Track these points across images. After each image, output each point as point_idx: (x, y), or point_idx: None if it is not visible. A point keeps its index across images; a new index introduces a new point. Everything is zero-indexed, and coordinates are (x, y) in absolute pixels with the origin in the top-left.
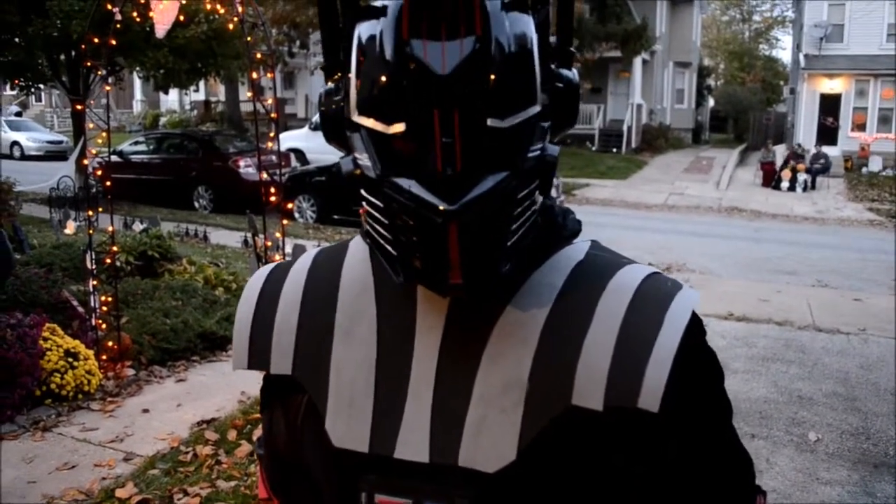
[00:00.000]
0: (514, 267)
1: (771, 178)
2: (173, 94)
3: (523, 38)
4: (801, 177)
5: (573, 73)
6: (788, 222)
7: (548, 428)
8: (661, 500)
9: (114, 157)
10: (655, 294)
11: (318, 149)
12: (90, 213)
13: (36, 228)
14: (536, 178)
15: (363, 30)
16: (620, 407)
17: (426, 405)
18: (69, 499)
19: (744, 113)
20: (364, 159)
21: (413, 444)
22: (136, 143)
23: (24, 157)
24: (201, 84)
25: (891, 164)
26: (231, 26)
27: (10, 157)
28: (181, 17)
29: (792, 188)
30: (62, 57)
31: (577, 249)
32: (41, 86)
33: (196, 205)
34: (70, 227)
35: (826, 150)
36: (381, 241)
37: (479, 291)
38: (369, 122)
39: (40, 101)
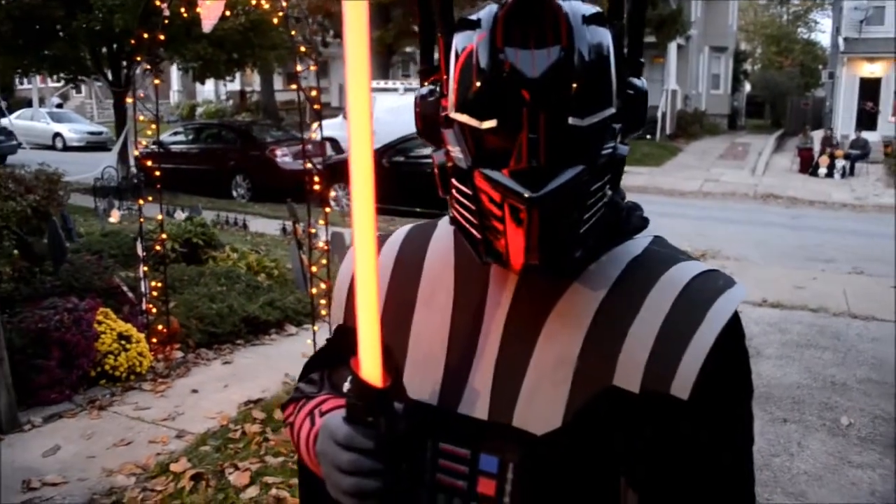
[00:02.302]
0: (584, 252)
1: (808, 165)
2: (209, 84)
3: (601, 48)
4: (840, 163)
5: (642, 82)
6: (826, 209)
7: (591, 402)
8: (659, 484)
9: (152, 148)
10: (701, 292)
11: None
12: (140, 202)
13: (82, 217)
14: (608, 173)
15: (460, 39)
16: (654, 392)
17: (489, 371)
18: (127, 472)
19: (781, 98)
20: (456, 152)
21: (475, 402)
22: (176, 133)
23: (66, 148)
24: (237, 74)
25: None
26: (276, 20)
27: (53, 147)
28: (226, 13)
29: (830, 174)
30: (104, 50)
31: (638, 244)
32: (84, 78)
33: (234, 194)
34: (115, 216)
35: (866, 135)
36: (467, 225)
37: (553, 272)
38: (464, 118)
39: (80, 92)
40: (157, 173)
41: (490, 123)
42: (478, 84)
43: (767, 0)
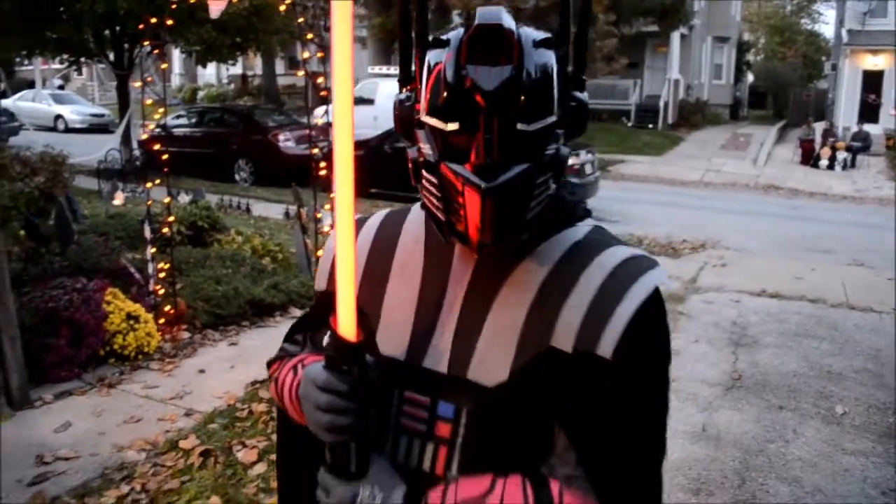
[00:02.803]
0: (530, 235)
1: (810, 156)
2: (211, 68)
3: (546, 67)
4: (841, 155)
5: (584, 95)
6: (826, 201)
7: (533, 360)
8: (580, 433)
9: (157, 131)
10: (627, 271)
11: (355, 123)
12: (148, 185)
13: (86, 200)
14: (551, 171)
15: (432, 56)
16: (584, 352)
17: (450, 332)
18: (137, 448)
19: (784, 89)
20: (426, 148)
21: (437, 358)
22: (179, 116)
23: (68, 130)
24: (239, 58)
25: None
26: (283, 7)
27: (55, 129)
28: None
29: (831, 167)
30: (107, 32)
31: (579, 231)
32: (86, 60)
33: (237, 177)
34: (119, 198)
35: (868, 128)
36: (434, 210)
37: (503, 250)
38: (433, 121)
39: (82, 74)
40: (164, 156)
41: (453, 126)
42: (444, 94)
43: None
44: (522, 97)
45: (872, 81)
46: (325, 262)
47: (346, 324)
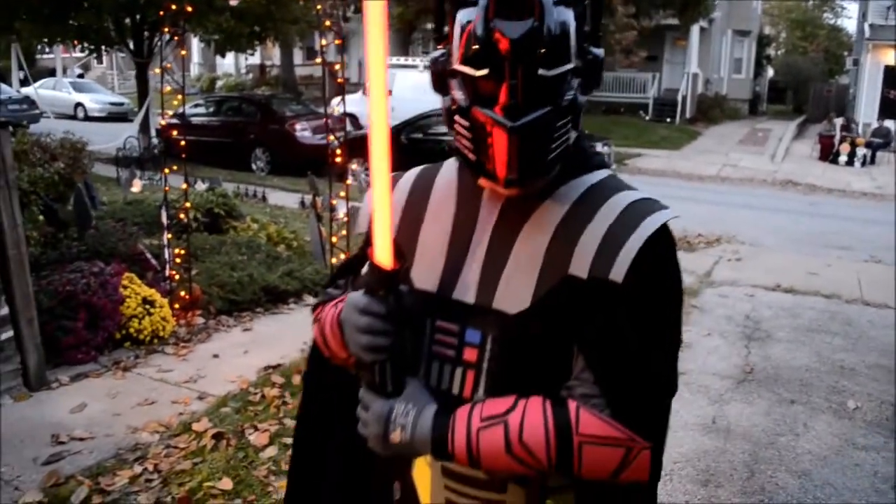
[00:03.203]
0: (550, 174)
1: (829, 152)
2: (229, 57)
3: (564, 21)
4: (861, 151)
5: (600, 51)
6: (845, 197)
7: (552, 288)
8: (596, 356)
9: (175, 120)
10: (638, 209)
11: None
12: (166, 171)
13: (104, 186)
14: (570, 115)
15: (463, 14)
16: (598, 278)
17: (478, 266)
18: (151, 430)
19: (804, 84)
20: (459, 95)
21: (466, 290)
22: (197, 105)
23: (87, 118)
24: (257, 48)
25: None
26: None
27: (74, 117)
28: None
29: (850, 163)
30: (128, 21)
31: (596, 176)
32: (107, 48)
33: (253, 167)
34: (136, 186)
35: (889, 124)
36: (465, 151)
37: (527, 188)
38: (464, 69)
39: (102, 63)
40: (182, 143)
41: (483, 72)
42: (474, 45)
43: None
44: (543, 47)
45: (894, 77)
46: (367, 206)
47: (382, 253)
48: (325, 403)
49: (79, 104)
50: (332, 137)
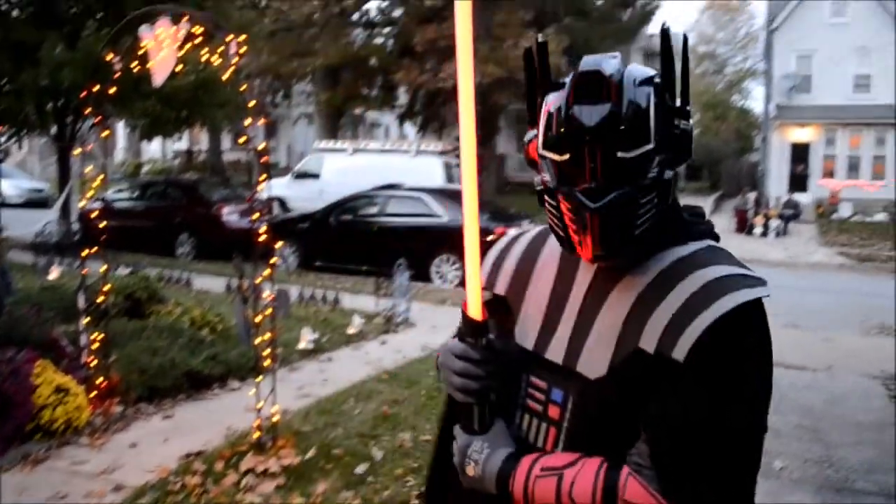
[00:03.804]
0: (638, 247)
1: (744, 225)
2: (156, 143)
3: (643, 102)
4: (774, 223)
5: (688, 124)
6: (761, 266)
7: (626, 359)
8: (652, 430)
9: (97, 204)
10: (718, 287)
11: (299, 197)
12: (84, 252)
13: (19, 274)
14: (654, 191)
15: (550, 98)
16: (662, 354)
17: (569, 329)
18: None
19: (718, 162)
20: (546, 177)
21: (556, 350)
22: (120, 190)
23: (4, 205)
24: (184, 133)
25: (860, 209)
26: (225, 77)
27: None
28: (177, 69)
29: (765, 234)
30: (49, 106)
31: (689, 248)
32: (26, 133)
33: (178, 251)
34: (54, 273)
35: (798, 196)
36: (555, 228)
37: (614, 261)
38: (549, 154)
39: (21, 148)
40: (102, 225)
41: (565, 157)
42: (556, 130)
43: (704, 70)
44: (621, 129)
45: (800, 153)
46: (486, 262)
47: (473, 306)
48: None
49: None
50: (255, 216)
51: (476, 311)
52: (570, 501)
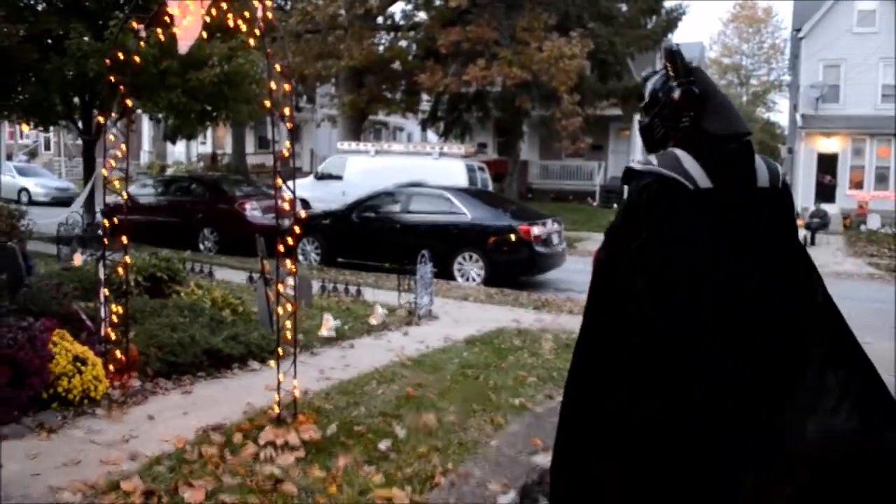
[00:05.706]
0: None
1: None
2: (180, 145)
3: None
4: (801, 233)
5: None
6: None
7: None
8: None
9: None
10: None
11: (322, 197)
12: (106, 240)
13: (43, 261)
14: None
15: None
16: None
17: None
18: (74, 490)
19: None
20: None
21: None
22: (144, 185)
23: (31, 203)
24: (208, 135)
25: (889, 221)
26: (252, 41)
27: (18, 202)
28: (204, 34)
29: None
30: (76, 99)
31: None
32: (53, 127)
33: (201, 247)
34: (77, 260)
35: (825, 207)
36: None
37: None
38: None
39: (49, 149)
40: (119, 220)
41: None
42: None
43: (727, 81)
44: None
45: (827, 163)
46: None
47: None
48: None
49: (23, 189)
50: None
51: None
52: None
